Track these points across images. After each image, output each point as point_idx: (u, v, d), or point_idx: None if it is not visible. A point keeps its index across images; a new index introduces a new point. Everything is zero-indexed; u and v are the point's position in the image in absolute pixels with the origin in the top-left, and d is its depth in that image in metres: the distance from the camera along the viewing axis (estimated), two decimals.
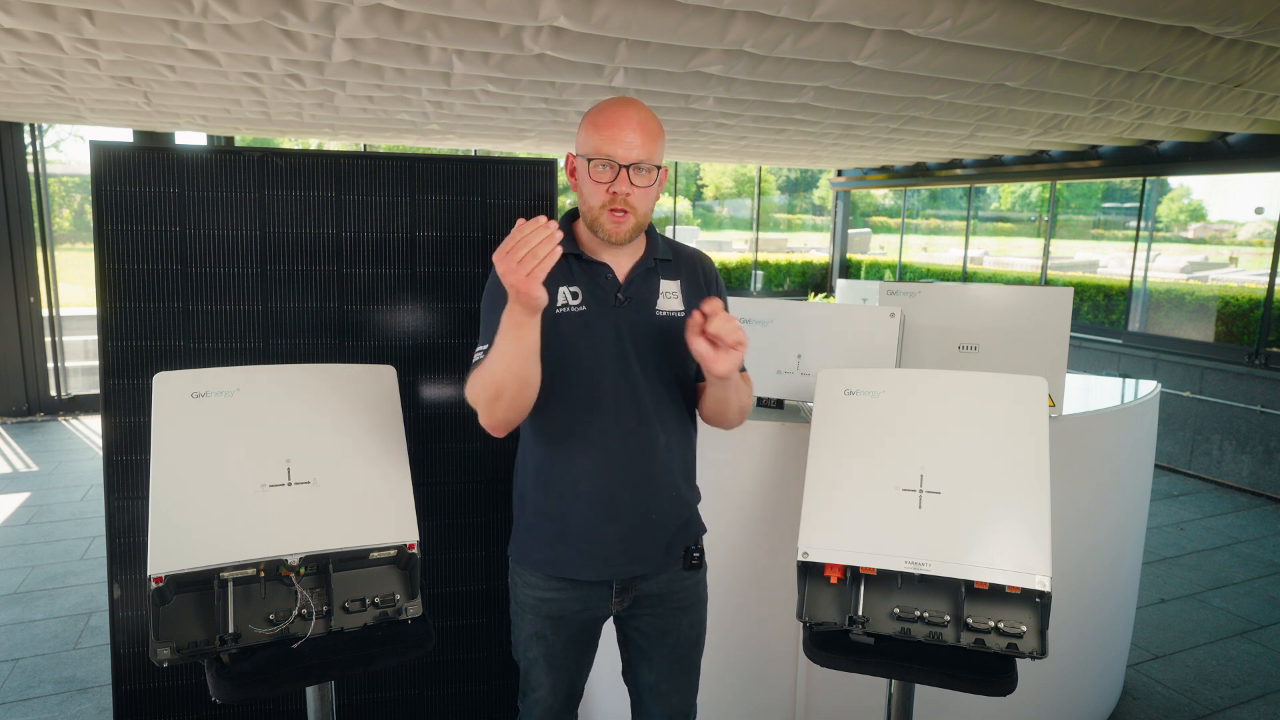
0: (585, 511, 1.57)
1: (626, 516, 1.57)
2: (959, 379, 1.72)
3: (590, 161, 1.48)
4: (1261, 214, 6.67)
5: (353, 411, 1.70)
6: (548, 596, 1.62)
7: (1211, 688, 3.08)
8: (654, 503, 1.61)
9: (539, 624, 1.64)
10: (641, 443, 1.57)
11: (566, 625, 1.64)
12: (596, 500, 1.56)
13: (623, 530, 1.58)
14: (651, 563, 1.62)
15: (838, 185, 10.57)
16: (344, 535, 1.60)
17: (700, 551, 1.69)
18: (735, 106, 4.53)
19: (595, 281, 1.57)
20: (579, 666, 1.71)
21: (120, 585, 2.14)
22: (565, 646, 1.66)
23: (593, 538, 1.57)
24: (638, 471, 1.58)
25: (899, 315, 2.22)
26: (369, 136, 6.71)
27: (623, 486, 1.57)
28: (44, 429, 6.55)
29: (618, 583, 1.62)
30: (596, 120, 1.49)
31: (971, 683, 1.55)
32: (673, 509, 1.64)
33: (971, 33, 2.78)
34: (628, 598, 1.64)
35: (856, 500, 1.67)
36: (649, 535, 1.61)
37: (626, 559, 1.60)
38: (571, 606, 1.63)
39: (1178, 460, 6.06)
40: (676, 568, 1.66)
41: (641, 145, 1.47)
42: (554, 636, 1.64)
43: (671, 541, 1.64)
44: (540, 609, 1.64)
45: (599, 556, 1.58)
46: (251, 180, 2.13)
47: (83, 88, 4.33)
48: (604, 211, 1.49)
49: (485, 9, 2.64)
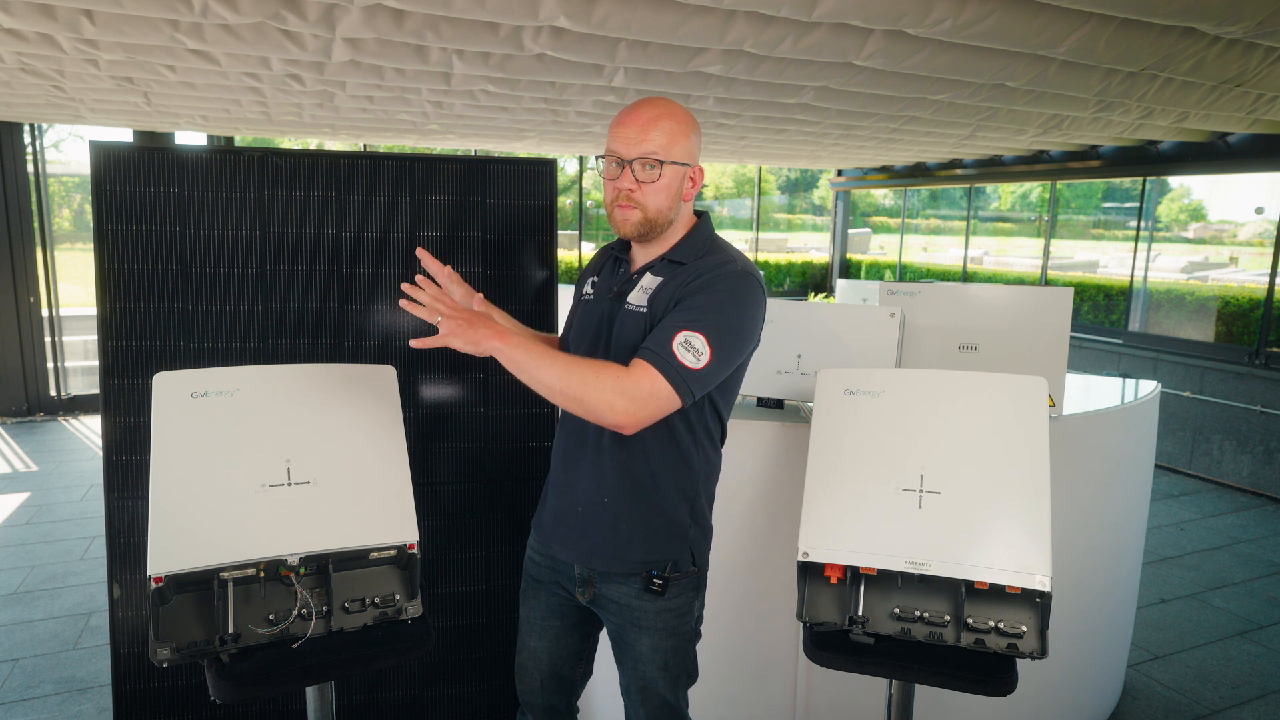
0: (556, 490, 1.71)
1: (562, 500, 1.68)
2: (959, 379, 1.72)
3: (600, 159, 1.58)
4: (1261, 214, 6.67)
5: (353, 411, 1.69)
6: (534, 558, 1.77)
7: (1211, 688, 3.08)
8: (605, 503, 1.60)
9: (526, 582, 1.80)
10: (583, 434, 1.62)
11: (544, 592, 1.75)
12: (563, 482, 1.68)
13: (577, 518, 1.65)
14: (601, 562, 1.62)
15: (838, 185, 10.57)
16: (344, 535, 1.60)
17: (664, 580, 1.59)
18: (735, 106, 4.53)
19: (612, 275, 1.67)
20: (558, 646, 1.75)
21: (120, 585, 2.14)
22: (543, 615, 1.75)
23: (556, 516, 1.70)
24: (574, 459, 1.65)
25: (899, 315, 2.22)
26: (369, 136, 6.71)
27: (578, 476, 1.64)
28: (44, 429, 6.55)
29: (579, 571, 1.66)
30: (613, 121, 1.56)
31: (971, 683, 1.55)
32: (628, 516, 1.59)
33: (971, 33, 2.78)
34: (589, 590, 1.66)
35: (856, 500, 1.67)
36: (600, 534, 1.61)
37: (577, 547, 1.65)
38: (548, 575, 1.73)
39: (1178, 460, 6.06)
40: (637, 585, 1.61)
41: (645, 140, 1.50)
42: (534, 599, 1.77)
43: (628, 555, 1.59)
44: (529, 567, 1.79)
45: (556, 535, 1.69)
46: (251, 180, 2.13)
47: (83, 88, 4.33)
48: (613, 207, 1.56)
49: (485, 9, 2.64)
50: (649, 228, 1.55)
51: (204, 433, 1.58)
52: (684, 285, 1.53)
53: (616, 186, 1.53)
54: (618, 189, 1.53)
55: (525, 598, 1.80)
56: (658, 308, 1.54)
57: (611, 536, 1.60)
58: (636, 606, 1.62)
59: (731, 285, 1.52)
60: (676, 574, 1.61)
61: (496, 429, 2.32)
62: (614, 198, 1.54)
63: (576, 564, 1.66)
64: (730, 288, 1.52)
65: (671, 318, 1.49)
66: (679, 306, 1.51)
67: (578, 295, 1.77)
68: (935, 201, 10.07)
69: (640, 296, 1.58)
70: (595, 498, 1.62)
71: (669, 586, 1.60)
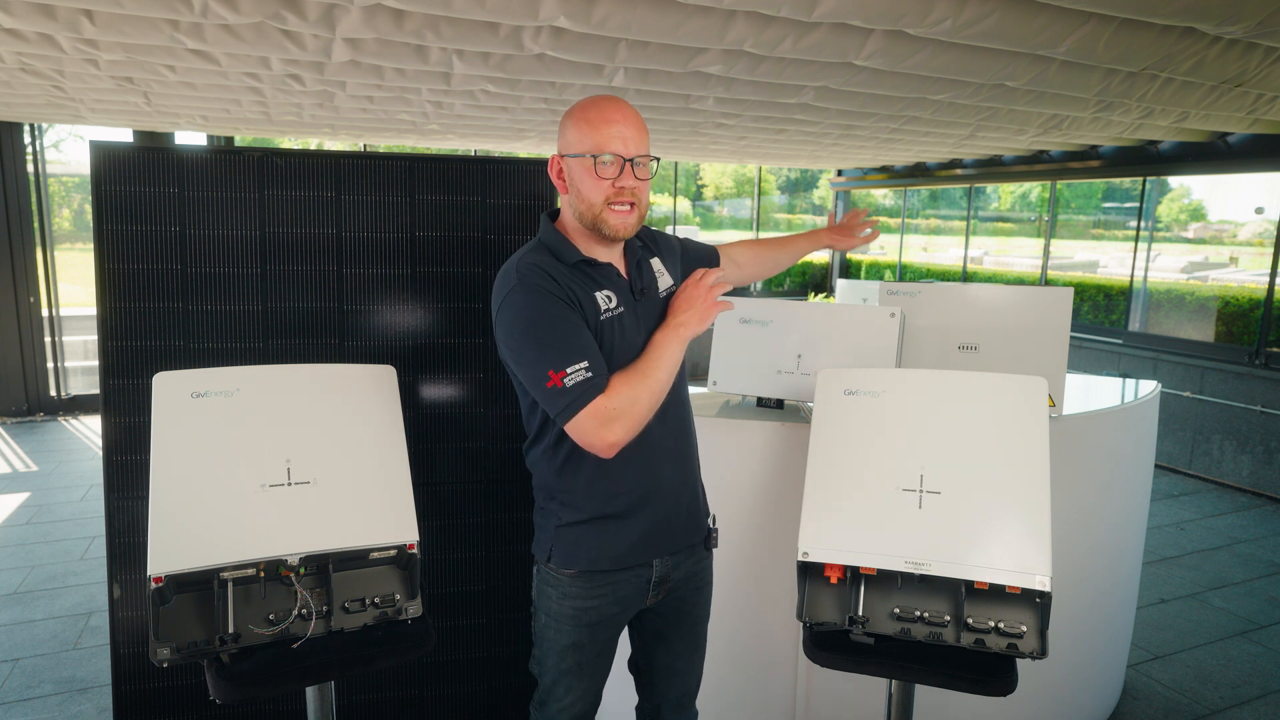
0: (636, 502, 1.60)
1: (669, 501, 1.65)
2: (959, 379, 1.72)
3: (595, 159, 1.47)
4: (1261, 214, 6.67)
5: (353, 411, 1.69)
6: (588, 605, 1.61)
7: (1211, 688, 3.08)
8: (691, 483, 1.71)
9: (577, 634, 1.63)
10: (681, 424, 1.68)
11: (602, 631, 1.65)
12: (648, 488, 1.61)
13: (659, 516, 1.64)
14: (688, 542, 1.71)
15: (838, 185, 10.57)
16: (344, 535, 1.60)
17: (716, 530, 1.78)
18: (735, 106, 4.53)
19: (615, 282, 1.60)
20: (606, 671, 1.73)
21: (120, 585, 2.14)
22: (599, 654, 1.67)
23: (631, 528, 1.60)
24: (679, 454, 1.67)
25: (899, 315, 2.22)
26: (369, 136, 6.71)
27: (670, 471, 1.65)
28: (44, 429, 6.55)
29: (656, 573, 1.65)
30: (591, 119, 1.49)
31: (971, 683, 1.55)
32: (697, 487, 1.75)
33: (971, 33, 2.78)
34: (663, 588, 1.68)
35: (856, 500, 1.67)
36: (688, 516, 1.70)
37: (670, 541, 1.67)
38: (609, 609, 1.63)
39: (1178, 460, 6.06)
40: (700, 547, 1.74)
41: (640, 140, 1.52)
42: (591, 644, 1.64)
43: (699, 522, 1.74)
44: (580, 618, 1.62)
45: (639, 542, 1.61)
46: (251, 180, 2.13)
47: (83, 88, 4.33)
48: (606, 207, 1.50)
49: (485, 9, 2.64)
50: (641, 224, 1.59)
51: (204, 433, 1.58)
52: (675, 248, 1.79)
53: (619, 185, 1.48)
54: (620, 187, 1.49)
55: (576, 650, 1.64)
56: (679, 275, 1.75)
57: (690, 511, 1.71)
58: (703, 568, 1.76)
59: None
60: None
61: (496, 429, 2.32)
62: (610, 196, 1.49)
63: (660, 560, 1.65)
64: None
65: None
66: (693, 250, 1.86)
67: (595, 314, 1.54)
68: (935, 201, 10.07)
69: (667, 279, 1.71)
70: (699, 481, 1.76)
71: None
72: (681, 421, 1.68)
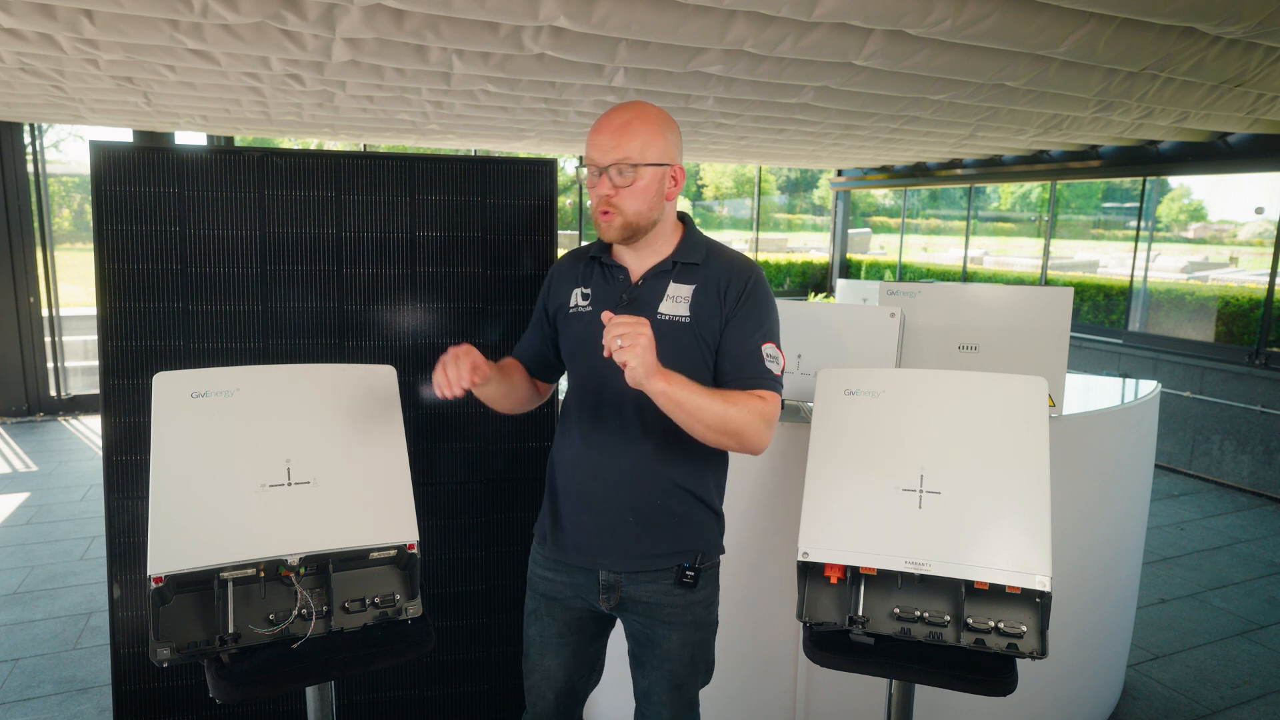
0: (569, 500, 1.66)
1: (603, 511, 1.62)
2: (959, 379, 1.72)
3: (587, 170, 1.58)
4: (1261, 214, 6.67)
5: (353, 411, 1.69)
6: (545, 575, 1.72)
7: (1211, 688, 3.08)
8: (631, 504, 1.60)
9: (536, 601, 1.73)
10: (626, 442, 1.60)
11: (559, 609, 1.70)
12: (577, 490, 1.65)
13: (598, 524, 1.62)
14: (630, 563, 1.62)
15: (838, 185, 10.57)
16: (344, 535, 1.60)
17: (696, 572, 1.62)
18: (735, 106, 4.53)
19: (607, 283, 1.63)
20: (575, 661, 1.72)
21: (120, 585, 2.14)
22: (559, 632, 1.70)
23: (573, 525, 1.66)
24: (618, 470, 1.61)
25: (899, 315, 2.22)
26: (369, 136, 6.71)
27: (600, 483, 1.62)
28: (44, 429, 6.56)
29: (603, 578, 1.64)
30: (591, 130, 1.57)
31: (971, 683, 1.55)
32: (657, 516, 1.61)
33: (971, 33, 2.78)
34: (614, 596, 1.64)
35: (856, 500, 1.67)
36: (626, 535, 1.61)
37: (602, 552, 1.63)
38: (563, 591, 1.69)
39: (1178, 460, 6.06)
40: (667, 581, 1.63)
41: (616, 146, 1.51)
42: (548, 617, 1.71)
43: (658, 550, 1.61)
44: (538, 586, 1.73)
45: (576, 544, 1.65)
46: (251, 180, 2.13)
47: (83, 88, 4.33)
48: (596, 213, 1.57)
49: (485, 9, 2.64)
50: (631, 231, 1.56)
51: (204, 433, 1.58)
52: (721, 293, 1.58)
53: (596, 193, 1.55)
54: (597, 195, 1.55)
55: (535, 618, 1.73)
56: (705, 317, 1.57)
57: (641, 535, 1.61)
58: (667, 603, 1.63)
59: (764, 285, 1.63)
60: (707, 564, 1.66)
61: (496, 429, 2.32)
62: (595, 204, 1.56)
63: (602, 570, 1.63)
64: (765, 288, 1.63)
65: (743, 337, 1.57)
66: (740, 320, 1.57)
67: (562, 305, 1.68)
68: (935, 201, 10.07)
69: (677, 307, 1.58)
70: (651, 508, 1.60)
71: (700, 577, 1.64)
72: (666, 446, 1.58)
